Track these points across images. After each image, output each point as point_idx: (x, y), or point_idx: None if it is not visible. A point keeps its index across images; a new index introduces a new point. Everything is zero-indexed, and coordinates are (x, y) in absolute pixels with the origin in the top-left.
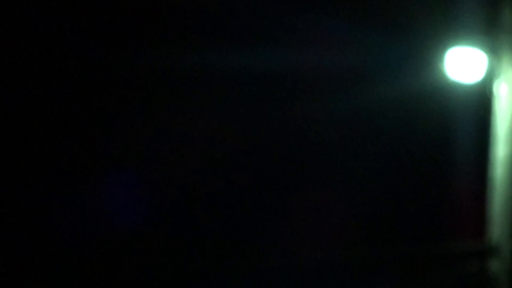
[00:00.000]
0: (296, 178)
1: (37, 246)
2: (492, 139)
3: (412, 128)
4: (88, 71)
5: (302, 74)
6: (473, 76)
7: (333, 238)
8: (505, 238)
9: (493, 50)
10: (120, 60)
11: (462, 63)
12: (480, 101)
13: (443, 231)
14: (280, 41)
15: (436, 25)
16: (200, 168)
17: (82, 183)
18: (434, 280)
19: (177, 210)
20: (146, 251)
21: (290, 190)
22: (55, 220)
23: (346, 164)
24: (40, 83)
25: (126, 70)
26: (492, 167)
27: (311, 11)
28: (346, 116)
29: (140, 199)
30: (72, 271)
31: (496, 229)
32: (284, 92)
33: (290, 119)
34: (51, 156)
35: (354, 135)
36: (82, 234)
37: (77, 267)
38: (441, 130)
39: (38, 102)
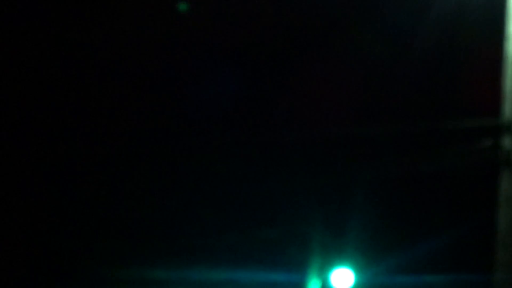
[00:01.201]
0: (302, 53)
1: None
2: (508, 16)
3: (427, 2)
4: None
5: None
6: None
7: (350, 114)
8: None
9: None
10: None
11: None
12: None
13: (457, 107)
14: None
15: None
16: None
17: None
18: (449, 155)
19: None
20: None
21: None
22: None
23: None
24: None
25: None
26: (508, 44)
27: None
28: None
29: None
30: None
31: (509, 106)
32: None
33: None
34: None
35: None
36: None
37: None
38: (456, 5)
39: None
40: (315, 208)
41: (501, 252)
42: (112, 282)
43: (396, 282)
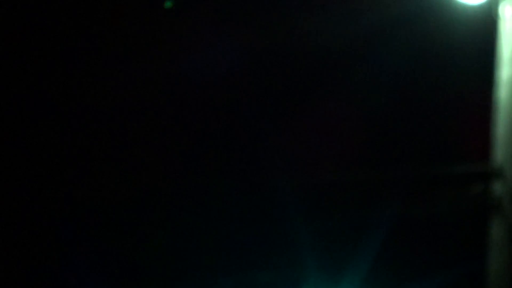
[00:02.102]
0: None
1: None
2: (497, 61)
3: (418, 49)
4: None
5: None
6: None
7: (338, 160)
8: (509, 160)
9: None
10: None
11: None
12: (485, 23)
13: (447, 153)
14: None
15: None
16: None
17: None
18: (439, 201)
19: None
20: None
21: (294, 109)
22: None
23: (351, 82)
24: None
25: None
26: (497, 89)
27: None
28: (351, 33)
29: None
30: None
31: (500, 151)
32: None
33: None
34: None
35: (360, 53)
36: None
37: None
38: (446, 52)
39: None
40: (309, 252)
41: None
42: None
43: None
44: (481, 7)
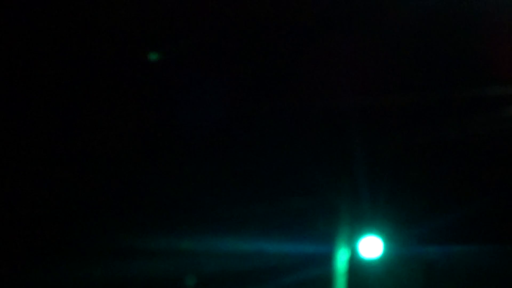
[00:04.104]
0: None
1: None
2: None
3: None
4: None
5: None
6: None
7: (374, 83)
8: None
9: None
10: None
11: None
12: None
13: (478, 74)
14: None
15: None
16: None
17: None
18: (471, 124)
19: None
20: None
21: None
22: None
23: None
24: None
25: None
26: None
27: None
28: None
29: None
30: None
31: None
32: None
33: None
34: None
35: None
36: None
37: None
38: None
39: None
40: (343, 177)
41: None
42: (140, 252)
43: (426, 251)
44: None
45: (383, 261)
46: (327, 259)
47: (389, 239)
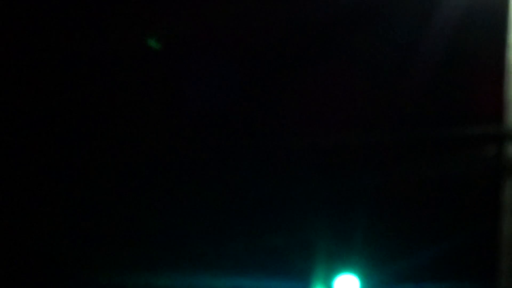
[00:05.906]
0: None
1: None
2: (510, 24)
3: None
4: None
5: None
6: None
7: (356, 121)
8: None
9: None
10: None
11: None
12: None
13: (461, 115)
14: None
15: None
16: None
17: None
18: (453, 162)
19: None
20: None
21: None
22: None
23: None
24: None
25: None
26: (509, 52)
27: None
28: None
29: None
30: None
31: None
32: None
33: None
34: None
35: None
36: None
37: None
38: (458, 14)
39: None
40: (320, 215)
41: (505, 259)
42: None
43: None
44: None
45: None
46: None
47: (365, 277)
